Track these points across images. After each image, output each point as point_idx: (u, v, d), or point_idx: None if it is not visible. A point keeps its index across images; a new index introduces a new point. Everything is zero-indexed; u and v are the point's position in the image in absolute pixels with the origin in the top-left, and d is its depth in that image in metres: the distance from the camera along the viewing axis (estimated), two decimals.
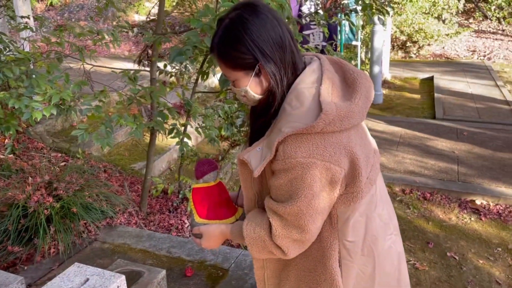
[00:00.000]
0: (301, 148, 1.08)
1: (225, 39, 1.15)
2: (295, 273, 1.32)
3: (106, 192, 2.85)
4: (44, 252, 2.43)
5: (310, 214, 1.13)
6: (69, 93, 2.23)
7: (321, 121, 1.07)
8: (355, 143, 1.15)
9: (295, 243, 1.18)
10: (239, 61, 1.14)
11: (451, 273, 3.14)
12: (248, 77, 1.16)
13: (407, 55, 10.11)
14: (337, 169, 1.10)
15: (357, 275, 1.30)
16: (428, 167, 4.56)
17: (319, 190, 1.11)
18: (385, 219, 1.34)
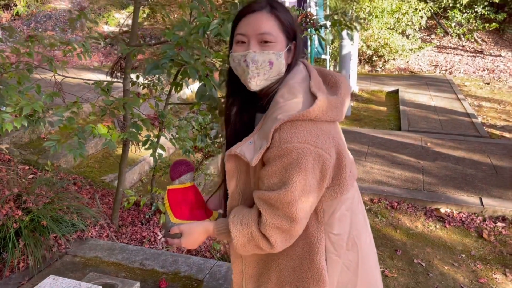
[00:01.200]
0: (297, 133, 1.11)
1: (280, 3, 1.22)
2: (276, 275, 1.32)
3: (77, 205, 2.80)
4: (13, 266, 2.37)
5: (302, 202, 1.14)
6: (41, 104, 2.21)
7: (317, 107, 1.13)
8: (339, 135, 1.22)
9: (283, 234, 1.19)
10: (289, 27, 1.20)
11: (418, 280, 3.24)
12: (284, 46, 1.20)
13: (374, 69, 10.42)
14: (327, 156, 1.14)
15: (342, 270, 1.33)
16: (395, 176, 4.71)
17: (311, 177, 1.13)
18: (364, 216, 1.41)
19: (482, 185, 4.47)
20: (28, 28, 9.64)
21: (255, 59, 1.18)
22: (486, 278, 3.24)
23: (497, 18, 10.74)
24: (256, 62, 1.19)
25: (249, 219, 1.21)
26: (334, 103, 1.18)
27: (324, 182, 1.18)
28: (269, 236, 1.18)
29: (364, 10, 9.03)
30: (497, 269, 3.35)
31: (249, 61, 1.19)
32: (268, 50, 1.18)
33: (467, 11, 10.87)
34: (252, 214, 1.21)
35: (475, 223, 3.93)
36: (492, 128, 6.53)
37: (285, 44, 1.21)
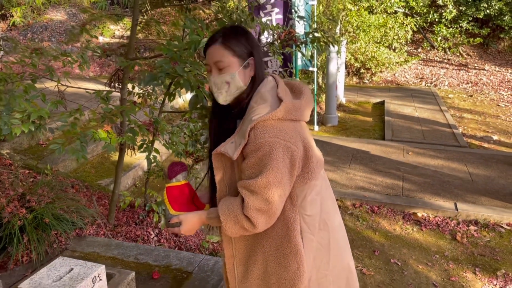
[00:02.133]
0: (268, 130, 1.38)
1: (233, 31, 1.49)
2: (262, 256, 1.56)
3: (76, 205, 3.02)
4: (18, 260, 2.57)
5: (276, 186, 1.39)
6: (47, 111, 2.44)
7: (282, 108, 1.40)
8: (305, 132, 1.49)
9: (263, 215, 1.42)
10: (239, 48, 1.47)
11: (393, 277, 3.48)
12: (239, 66, 1.46)
13: (362, 81, 10.75)
14: (295, 148, 1.41)
15: (317, 248, 1.58)
16: (376, 183, 4.96)
17: (282, 166, 1.38)
18: (334, 201, 1.68)
19: (457, 191, 4.74)
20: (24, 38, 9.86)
21: (216, 82, 1.49)
22: (457, 277, 3.49)
23: (481, 33, 11.16)
24: (217, 84, 1.49)
25: (234, 205, 1.45)
26: (298, 105, 1.47)
27: (294, 170, 1.44)
28: (251, 217, 1.41)
29: (352, 24, 9.37)
30: (468, 269, 3.60)
31: (212, 84, 1.51)
32: (223, 74, 1.47)
33: (452, 26, 11.28)
34: (237, 200, 1.46)
35: (450, 226, 4.19)
36: (472, 139, 6.84)
37: (239, 65, 1.47)
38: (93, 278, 1.49)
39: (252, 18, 2.64)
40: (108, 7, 10.55)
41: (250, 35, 1.50)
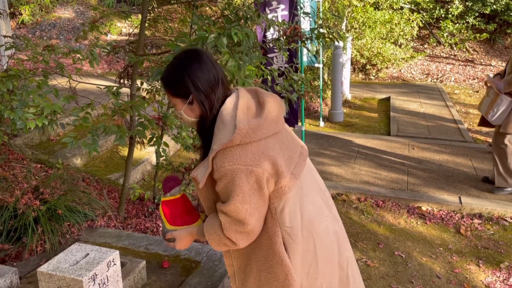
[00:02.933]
0: (227, 158, 1.44)
1: (170, 73, 1.55)
2: (255, 266, 1.66)
3: (88, 197, 3.11)
4: (32, 250, 2.67)
5: (246, 209, 1.47)
6: (60, 106, 2.53)
7: (237, 135, 1.43)
8: (273, 148, 1.51)
9: (241, 235, 1.52)
10: (177, 90, 1.54)
11: (397, 269, 3.54)
12: (183, 104, 1.55)
13: (367, 77, 10.77)
14: (258, 170, 1.45)
15: (303, 254, 1.65)
16: (381, 178, 5.02)
17: (248, 189, 1.45)
18: (318, 205, 1.72)
19: (462, 185, 4.78)
20: (33, 36, 9.99)
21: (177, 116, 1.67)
22: (460, 269, 3.54)
23: (488, 28, 11.12)
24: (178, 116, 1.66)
25: (216, 226, 1.56)
26: (256, 125, 1.47)
27: (263, 189, 1.49)
28: (230, 237, 1.52)
29: (358, 20, 9.39)
30: (472, 261, 3.65)
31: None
32: (176, 110, 1.61)
33: (459, 21, 11.25)
34: (218, 222, 1.56)
35: (454, 220, 4.24)
36: (477, 134, 6.85)
37: (182, 104, 1.55)
38: (108, 263, 1.57)
39: (258, 14, 2.71)
40: (115, 5, 10.65)
41: (187, 73, 1.51)
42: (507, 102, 4.28)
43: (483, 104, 4.53)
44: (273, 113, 1.54)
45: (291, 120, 4.30)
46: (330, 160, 5.59)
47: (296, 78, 3.30)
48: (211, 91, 1.53)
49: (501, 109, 4.29)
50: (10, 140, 4.02)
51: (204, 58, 1.54)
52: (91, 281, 1.49)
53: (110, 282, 1.59)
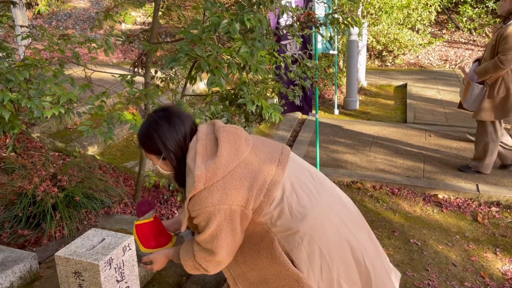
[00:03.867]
0: (196, 203, 1.60)
1: (143, 133, 1.74)
2: (273, 285, 1.74)
3: (104, 184, 3.16)
4: (51, 235, 2.73)
5: (214, 243, 1.63)
6: (75, 95, 2.56)
7: (198, 183, 1.57)
8: (240, 177, 1.62)
9: (210, 263, 1.70)
10: (150, 148, 1.73)
11: (413, 257, 3.52)
12: (158, 160, 1.74)
13: (383, 64, 10.62)
14: (225, 207, 1.59)
15: (309, 258, 1.69)
16: (397, 165, 4.97)
17: (216, 226, 1.60)
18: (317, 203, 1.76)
19: (479, 173, 4.70)
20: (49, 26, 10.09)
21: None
22: (477, 257, 3.51)
23: None
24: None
25: (190, 253, 1.75)
26: (214, 167, 1.59)
27: (233, 223, 1.63)
28: (201, 264, 1.71)
29: (374, 6, 9.24)
30: (489, 249, 3.61)
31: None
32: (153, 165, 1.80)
33: (478, 6, 10.97)
34: (192, 249, 1.75)
35: (471, 207, 4.18)
36: None
37: (157, 159, 1.74)
38: (124, 247, 1.60)
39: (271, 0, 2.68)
40: None
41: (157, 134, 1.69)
42: (478, 89, 4.44)
43: (461, 90, 4.79)
44: (228, 147, 1.65)
45: (305, 108, 4.27)
46: (344, 148, 5.56)
47: (310, 65, 3.27)
48: (180, 148, 1.70)
49: (474, 96, 4.48)
50: (28, 129, 4.09)
51: (174, 118, 1.72)
52: (107, 265, 1.52)
53: (126, 267, 1.62)
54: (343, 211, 1.82)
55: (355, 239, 1.79)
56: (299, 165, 1.83)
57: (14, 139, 3.83)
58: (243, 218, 1.65)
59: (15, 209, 2.72)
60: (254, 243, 1.74)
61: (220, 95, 3.03)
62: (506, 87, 4.33)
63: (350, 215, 1.85)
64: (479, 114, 4.48)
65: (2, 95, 2.53)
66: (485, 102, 4.41)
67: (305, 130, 6.30)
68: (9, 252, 2.32)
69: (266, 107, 2.46)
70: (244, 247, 1.77)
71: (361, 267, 1.77)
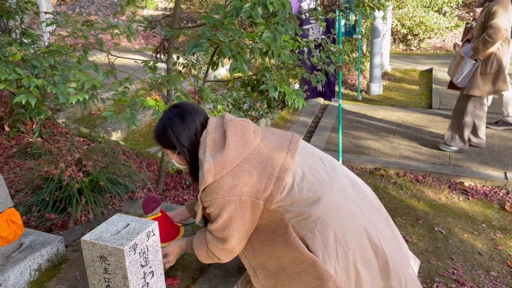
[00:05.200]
0: (208, 196, 1.67)
1: (159, 130, 1.82)
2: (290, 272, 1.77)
3: (128, 170, 3.19)
4: (77, 219, 2.78)
5: (225, 231, 1.69)
6: (99, 81, 2.57)
7: (207, 176, 1.63)
8: (248, 168, 1.67)
9: (223, 251, 1.76)
10: (165, 144, 1.81)
11: (437, 245, 3.47)
12: (173, 154, 1.81)
13: (408, 48, 10.37)
14: (235, 199, 1.65)
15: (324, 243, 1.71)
16: (421, 152, 4.88)
17: (227, 216, 1.66)
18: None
19: (508, 160, 4.58)
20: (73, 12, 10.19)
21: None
22: (504, 246, 3.43)
23: None
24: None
25: (203, 242, 1.81)
26: (222, 160, 1.64)
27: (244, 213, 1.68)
28: (214, 252, 1.77)
29: None
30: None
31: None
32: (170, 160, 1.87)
33: None
34: (205, 238, 1.80)
35: (498, 195, 4.08)
36: None
37: (172, 154, 1.82)
38: (148, 233, 1.61)
39: None
40: None
41: (171, 131, 1.77)
42: (470, 64, 4.42)
43: (450, 67, 4.73)
44: (236, 139, 1.69)
45: (327, 94, 4.21)
46: (368, 134, 5.48)
47: (334, 49, 3.21)
48: (192, 143, 1.77)
49: (465, 72, 4.44)
50: (54, 115, 4.16)
51: (186, 115, 1.78)
52: (131, 250, 1.53)
53: (150, 252, 1.64)
54: (358, 196, 1.82)
55: (371, 223, 1.79)
56: (309, 152, 1.85)
57: (40, 125, 3.91)
58: (254, 208, 1.70)
59: (42, 193, 2.78)
60: (270, 231, 1.78)
61: (242, 81, 3.00)
62: (498, 62, 4.38)
63: (365, 200, 1.84)
64: (471, 89, 4.47)
65: (28, 81, 2.57)
66: (477, 78, 4.42)
67: (327, 116, 6.23)
68: (37, 235, 2.38)
69: (289, 93, 2.43)
70: (261, 236, 1.81)
71: (377, 250, 1.77)
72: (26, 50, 2.83)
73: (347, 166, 4.66)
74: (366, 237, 1.75)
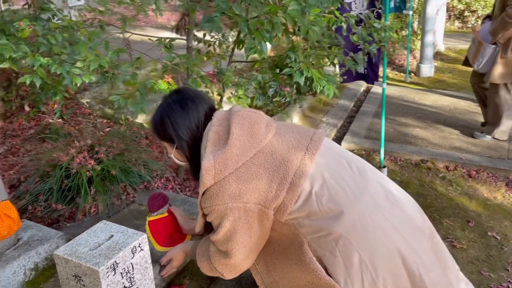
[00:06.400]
0: (207, 201, 1.42)
1: (156, 119, 1.57)
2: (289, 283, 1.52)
3: (145, 158, 2.96)
4: (85, 211, 2.59)
5: (228, 244, 1.43)
6: (107, 60, 2.31)
7: (207, 176, 1.38)
8: (256, 170, 1.39)
9: (226, 267, 1.49)
10: (162, 135, 1.57)
11: (490, 253, 3.03)
12: (172, 148, 1.56)
13: (465, 25, 9.55)
14: (239, 206, 1.37)
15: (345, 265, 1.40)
16: (475, 144, 4.36)
17: (229, 226, 1.39)
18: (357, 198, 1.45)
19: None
20: None
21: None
22: None
23: None
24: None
25: (206, 254, 1.56)
26: (223, 158, 1.37)
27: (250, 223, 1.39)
28: (217, 267, 1.52)
29: None
30: None
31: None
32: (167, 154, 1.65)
33: None
34: (207, 250, 1.55)
35: None
36: None
37: (170, 147, 1.57)
38: (133, 248, 1.35)
39: None
40: None
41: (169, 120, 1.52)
42: (491, 50, 4.12)
43: (470, 50, 4.48)
44: (242, 133, 1.43)
45: (370, 76, 3.77)
46: (415, 121, 4.99)
47: (378, 26, 2.78)
48: (193, 137, 1.52)
49: (486, 57, 4.17)
50: (77, 95, 3.99)
51: (188, 102, 1.53)
52: (110, 271, 1.27)
53: (136, 270, 1.38)
54: (393, 211, 1.47)
55: (408, 246, 1.45)
56: (334, 154, 1.52)
57: (62, 105, 3.75)
58: (262, 218, 1.40)
59: (50, 182, 2.59)
60: (283, 247, 1.48)
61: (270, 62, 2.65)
62: None
63: (403, 216, 1.49)
64: (492, 76, 4.16)
65: (33, 60, 2.34)
66: (498, 63, 4.09)
67: (370, 100, 5.77)
68: (37, 230, 2.19)
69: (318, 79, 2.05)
70: (275, 251, 1.52)
71: (415, 280, 1.44)
72: (35, 26, 2.61)
73: (390, 157, 4.24)
74: (401, 263, 1.41)
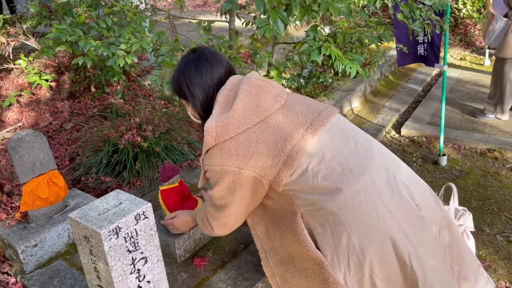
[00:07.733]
0: (207, 159, 1.47)
1: (174, 78, 1.60)
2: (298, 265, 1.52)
3: (190, 137, 3.09)
4: (131, 184, 2.78)
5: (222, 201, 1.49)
6: (148, 42, 2.44)
7: (208, 137, 1.42)
8: (256, 138, 1.40)
9: (216, 221, 1.57)
10: (178, 92, 1.59)
11: None
12: (188, 106, 1.58)
13: None
14: (234, 170, 1.41)
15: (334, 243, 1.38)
16: None
17: (224, 187, 1.45)
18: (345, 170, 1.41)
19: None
20: None
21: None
22: None
23: None
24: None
25: (204, 208, 1.66)
26: (224, 122, 1.40)
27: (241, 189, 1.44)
28: (208, 218, 1.59)
29: None
30: None
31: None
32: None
33: None
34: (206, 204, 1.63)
35: None
36: None
37: (188, 104, 1.58)
38: (136, 215, 1.44)
39: None
40: None
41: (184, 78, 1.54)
42: (503, 22, 3.93)
43: (483, 25, 4.28)
44: (247, 100, 1.43)
45: (430, 58, 3.53)
46: None
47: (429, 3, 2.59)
48: (206, 96, 1.53)
49: (497, 31, 3.98)
50: (139, 77, 4.24)
51: (203, 62, 1.53)
52: (112, 234, 1.38)
53: (141, 236, 1.47)
54: (392, 195, 1.39)
55: (401, 233, 1.37)
56: (341, 131, 1.47)
57: (124, 87, 4.00)
58: (257, 185, 1.43)
59: (100, 155, 2.82)
60: (281, 215, 1.51)
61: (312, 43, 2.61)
62: None
63: (401, 202, 1.41)
64: (502, 51, 3.99)
65: (85, 43, 2.54)
66: (510, 37, 3.90)
67: (440, 84, 5.40)
68: (83, 198, 2.40)
69: (339, 57, 1.97)
70: (274, 219, 1.55)
71: (406, 268, 1.37)
72: (91, 11, 2.82)
73: (453, 145, 3.98)
74: (392, 249, 1.35)
